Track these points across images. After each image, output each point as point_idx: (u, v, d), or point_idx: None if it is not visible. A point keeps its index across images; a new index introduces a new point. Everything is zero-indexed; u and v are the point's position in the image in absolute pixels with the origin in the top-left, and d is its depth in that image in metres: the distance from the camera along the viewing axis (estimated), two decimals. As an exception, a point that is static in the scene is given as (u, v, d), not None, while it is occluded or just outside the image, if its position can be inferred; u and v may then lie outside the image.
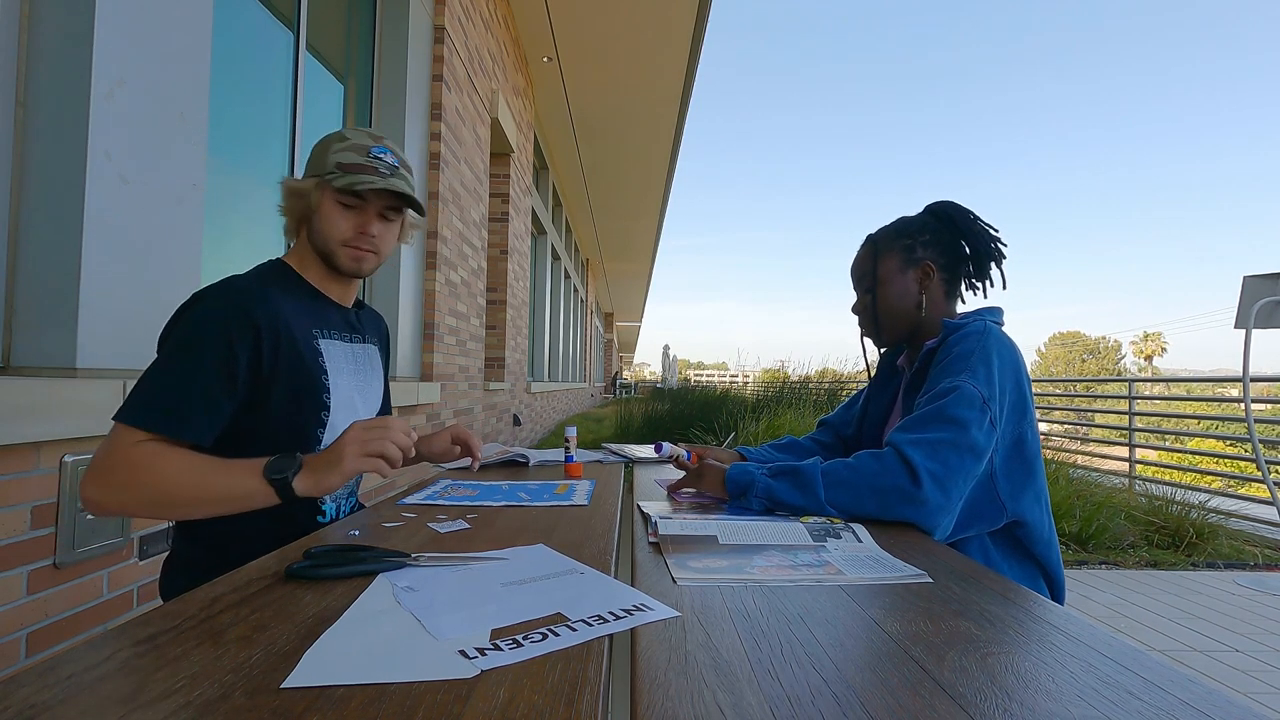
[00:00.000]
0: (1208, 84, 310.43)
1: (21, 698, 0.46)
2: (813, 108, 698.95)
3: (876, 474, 1.02)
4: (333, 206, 1.08)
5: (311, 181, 1.08)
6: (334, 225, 1.08)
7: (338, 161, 1.06)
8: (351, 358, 1.15)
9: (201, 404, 0.92)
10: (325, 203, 1.08)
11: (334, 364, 1.09)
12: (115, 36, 1.44)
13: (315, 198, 1.07)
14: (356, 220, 1.09)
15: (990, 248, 1.26)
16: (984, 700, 0.47)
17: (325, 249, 1.10)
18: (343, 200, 1.08)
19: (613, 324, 32.18)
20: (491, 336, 5.80)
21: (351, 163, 1.06)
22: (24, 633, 1.26)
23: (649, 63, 6.31)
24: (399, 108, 3.39)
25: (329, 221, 1.08)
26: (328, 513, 1.11)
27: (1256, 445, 4.05)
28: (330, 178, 1.06)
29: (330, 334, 1.11)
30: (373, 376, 1.22)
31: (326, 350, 1.08)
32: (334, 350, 1.10)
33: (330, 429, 1.06)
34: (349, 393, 1.12)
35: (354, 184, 1.05)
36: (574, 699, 0.46)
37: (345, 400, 1.10)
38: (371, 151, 1.08)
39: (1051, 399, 9.31)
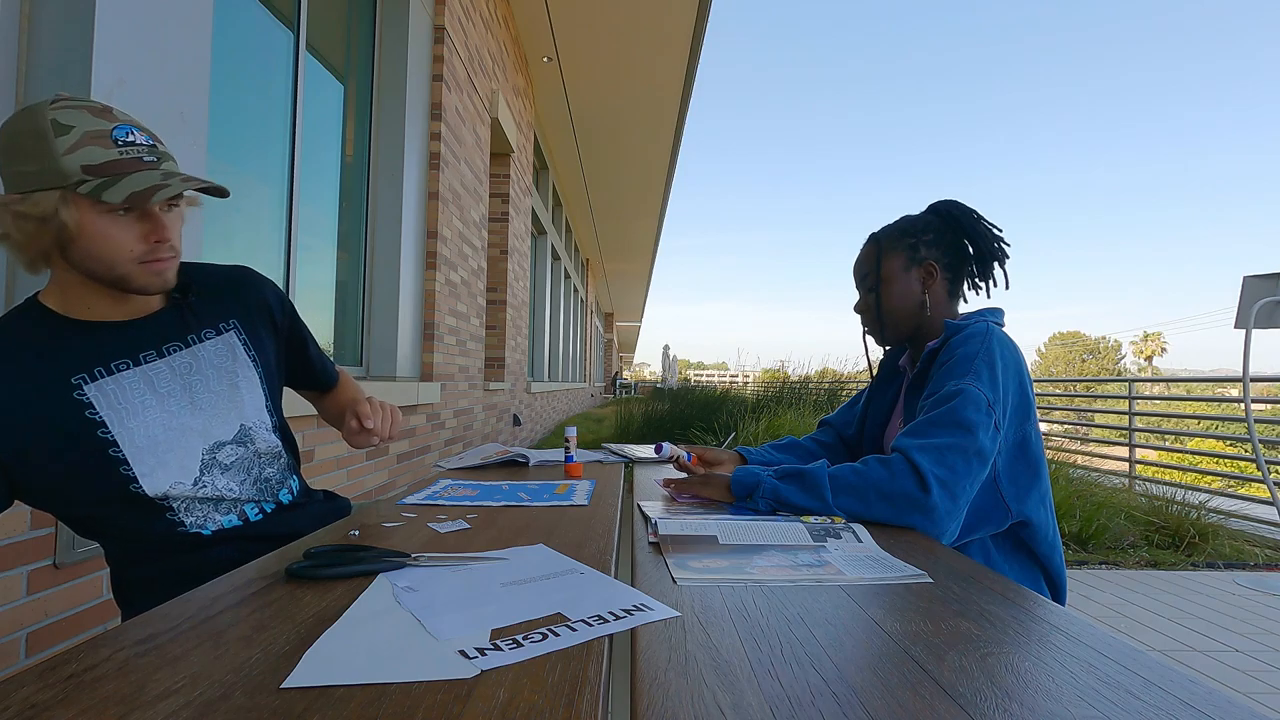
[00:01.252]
0: (1208, 83, 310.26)
1: (21, 698, 0.46)
2: (813, 107, 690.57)
3: (885, 480, 1.02)
4: (100, 221, 0.81)
5: (52, 198, 0.78)
6: (114, 245, 0.83)
7: (81, 164, 0.79)
8: (160, 382, 0.92)
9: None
10: (86, 219, 0.80)
11: (118, 406, 0.88)
12: (115, 36, 1.44)
13: (68, 217, 0.79)
14: (141, 228, 0.84)
15: (993, 247, 1.26)
16: (984, 700, 0.47)
17: (112, 275, 0.85)
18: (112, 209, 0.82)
19: (613, 324, 32.18)
20: (491, 336, 5.80)
21: (100, 161, 0.80)
22: (24, 633, 1.26)
23: (649, 63, 6.31)
24: (399, 108, 3.39)
25: (104, 242, 0.82)
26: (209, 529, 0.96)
27: (1256, 445, 4.05)
28: (81, 187, 0.79)
29: (106, 369, 0.88)
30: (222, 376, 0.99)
31: (98, 396, 0.87)
32: (114, 388, 0.88)
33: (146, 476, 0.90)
34: (163, 422, 0.92)
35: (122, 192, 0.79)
36: (574, 699, 0.46)
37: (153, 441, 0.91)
38: (116, 137, 0.82)
39: (1051, 399, 9.31)
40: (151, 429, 0.91)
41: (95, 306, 0.89)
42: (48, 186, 0.79)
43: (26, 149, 0.79)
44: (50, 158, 0.78)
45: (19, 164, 0.80)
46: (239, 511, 1.00)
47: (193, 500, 0.95)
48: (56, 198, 0.78)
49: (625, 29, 5.72)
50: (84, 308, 0.89)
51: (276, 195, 2.53)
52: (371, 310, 3.33)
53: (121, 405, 0.89)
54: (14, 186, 0.80)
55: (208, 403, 0.97)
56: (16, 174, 0.80)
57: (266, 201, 2.48)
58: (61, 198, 0.79)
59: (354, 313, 3.28)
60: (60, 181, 0.78)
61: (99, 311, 0.90)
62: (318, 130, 2.92)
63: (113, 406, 0.88)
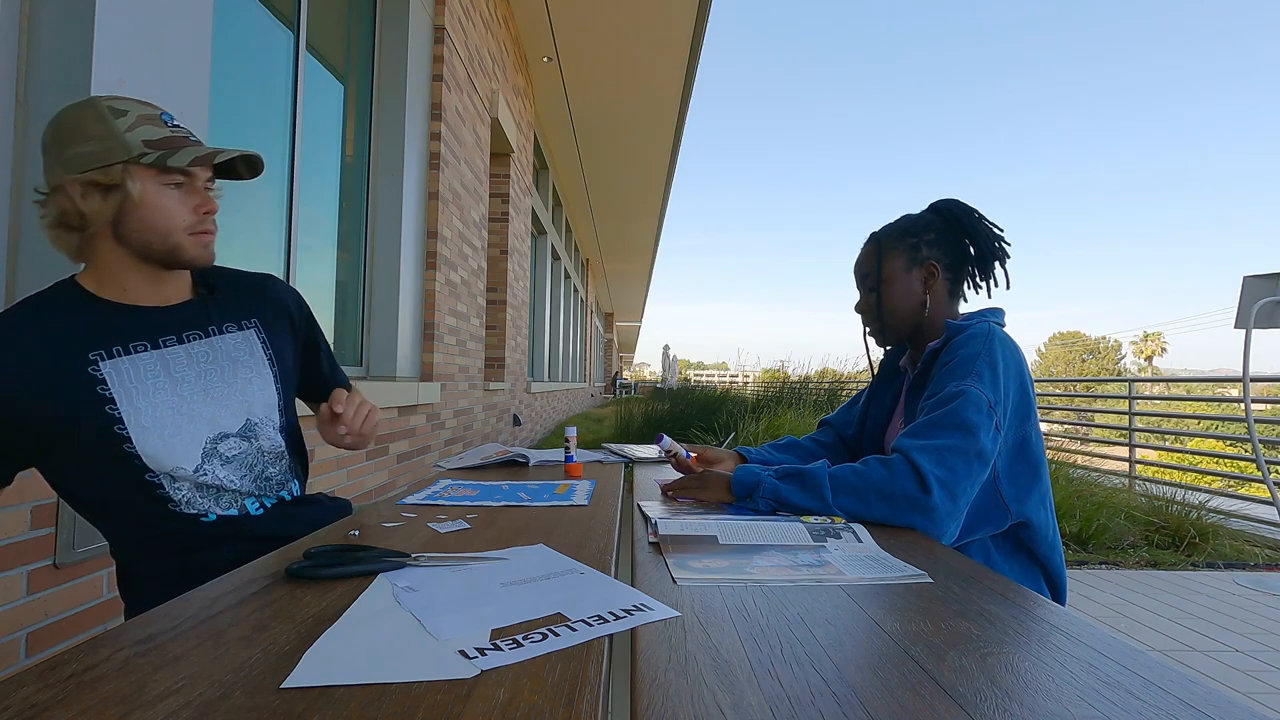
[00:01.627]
0: (1208, 83, 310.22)
1: (21, 698, 0.46)
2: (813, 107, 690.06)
3: (885, 480, 1.02)
4: (159, 192, 0.89)
5: (117, 171, 0.86)
6: (170, 214, 0.90)
7: (142, 139, 0.87)
8: (176, 366, 0.96)
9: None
10: (148, 189, 0.88)
11: (130, 385, 0.91)
12: (115, 36, 1.44)
13: (133, 187, 0.87)
14: (191, 201, 0.93)
15: (994, 247, 1.26)
16: (984, 700, 0.47)
17: (166, 244, 0.91)
18: (168, 181, 0.90)
19: (613, 324, 32.18)
20: (491, 336, 5.80)
21: (158, 137, 0.89)
22: (24, 633, 1.26)
23: (649, 63, 6.31)
24: (399, 108, 3.39)
25: (161, 212, 0.89)
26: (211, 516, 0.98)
27: (1256, 445, 4.05)
28: (144, 158, 0.87)
29: (127, 349, 0.92)
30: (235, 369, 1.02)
31: (113, 373, 0.90)
32: (130, 368, 0.92)
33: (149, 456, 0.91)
34: (173, 407, 0.94)
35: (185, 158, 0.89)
36: (574, 699, 0.46)
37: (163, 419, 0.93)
38: (164, 119, 0.92)
39: (1051, 399, 9.31)
40: (160, 410, 0.93)
41: (130, 289, 0.94)
42: (112, 161, 0.86)
43: (88, 130, 0.86)
44: (113, 136, 0.86)
45: (80, 145, 0.86)
46: (239, 505, 1.01)
47: (193, 487, 0.96)
48: (121, 170, 0.86)
49: (625, 29, 5.72)
50: (119, 289, 0.93)
51: (276, 195, 2.53)
52: (371, 310, 3.33)
53: (133, 384, 0.92)
54: (74, 168, 0.86)
55: (220, 392, 0.99)
56: (77, 155, 0.86)
57: (266, 201, 2.48)
58: (125, 170, 0.86)
59: (354, 313, 3.28)
60: (124, 155, 0.86)
61: (132, 294, 0.94)
62: (318, 130, 2.92)
63: (124, 384, 0.91)
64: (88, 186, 0.86)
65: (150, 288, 0.96)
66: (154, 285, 0.96)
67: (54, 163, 0.88)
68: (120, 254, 0.92)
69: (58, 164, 0.88)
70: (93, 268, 0.94)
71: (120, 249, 0.91)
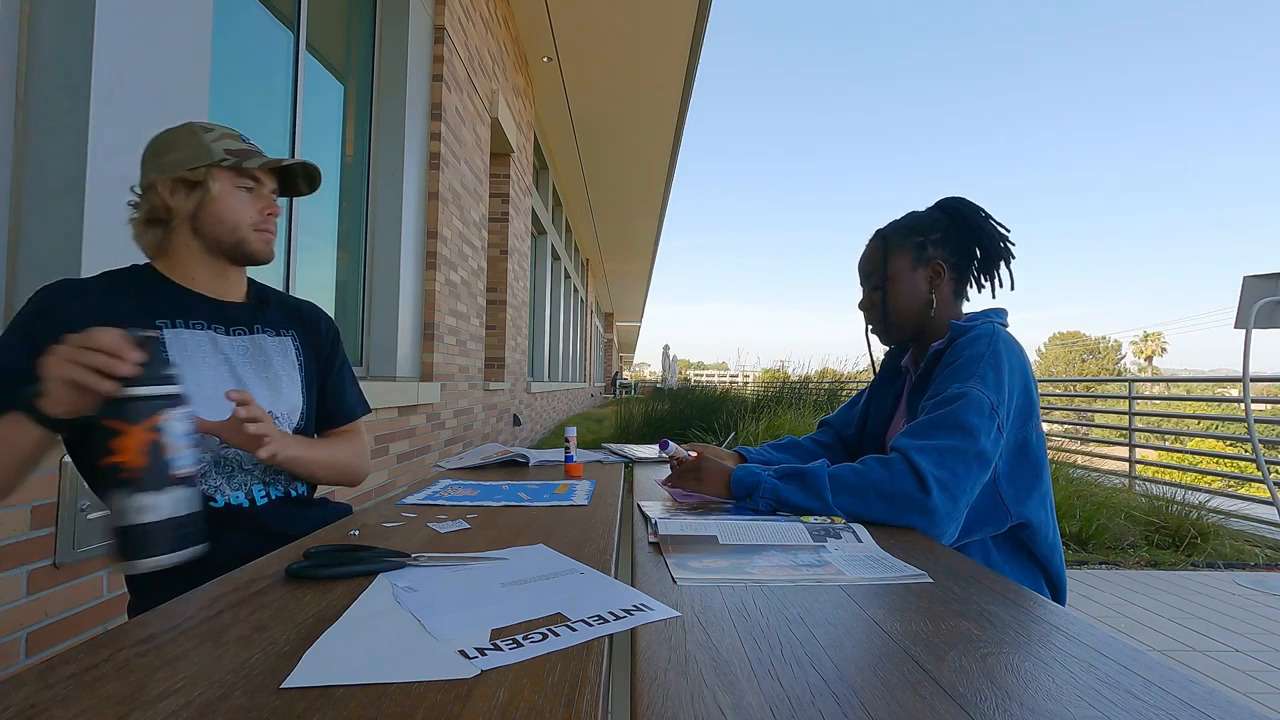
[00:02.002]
0: (1208, 84, 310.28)
1: (21, 698, 0.46)
2: (813, 107, 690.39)
3: (885, 480, 1.02)
4: (233, 193, 1.06)
5: (201, 172, 1.03)
6: (240, 212, 1.06)
7: (225, 149, 1.04)
8: (224, 348, 1.07)
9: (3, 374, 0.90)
10: (225, 189, 1.05)
11: (184, 354, 1.02)
12: (115, 36, 1.44)
13: (213, 185, 1.04)
14: (257, 204, 1.09)
15: (1000, 247, 1.25)
16: (984, 700, 0.47)
17: (234, 237, 1.07)
18: (240, 184, 1.06)
19: (613, 324, 32.18)
20: (491, 336, 5.80)
21: (237, 148, 1.06)
22: (24, 633, 1.26)
23: (649, 63, 6.31)
24: (399, 108, 3.39)
25: (234, 209, 1.06)
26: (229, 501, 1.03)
27: (1256, 445, 4.05)
28: (225, 162, 1.04)
29: (186, 324, 1.04)
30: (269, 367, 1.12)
31: (173, 339, 1.01)
32: (187, 339, 1.03)
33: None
34: (214, 383, 1.03)
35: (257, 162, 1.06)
36: (574, 699, 0.46)
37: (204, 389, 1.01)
38: (242, 136, 1.09)
39: (1052, 399, 9.31)
40: (203, 381, 1.03)
41: (198, 278, 1.08)
42: (198, 164, 1.03)
43: (181, 142, 1.04)
44: (201, 145, 1.04)
45: (173, 153, 1.03)
46: (248, 490, 1.06)
47: (213, 461, 1.03)
48: (205, 170, 1.03)
49: (625, 29, 5.72)
50: (189, 277, 1.08)
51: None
52: (371, 310, 3.33)
53: (188, 353, 1.04)
54: (167, 170, 1.03)
55: (253, 380, 1.10)
56: (169, 161, 1.03)
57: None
58: (208, 171, 1.03)
59: (354, 313, 3.28)
60: (208, 159, 1.03)
61: (199, 283, 1.09)
62: (318, 130, 2.92)
63: (181, 351, 1.03)
64: (176, 184, 1.03)
65: (214, 281, 1.10)
66: (217, 279, 1.10)
67: (150, 168, 1.04)
68: (194, 246, 1.07)
69: (153, 168, 1.04)
70: (168, 257, 1.08)
71: (195, 241, 1.06)
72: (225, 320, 1.10)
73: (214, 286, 1.10)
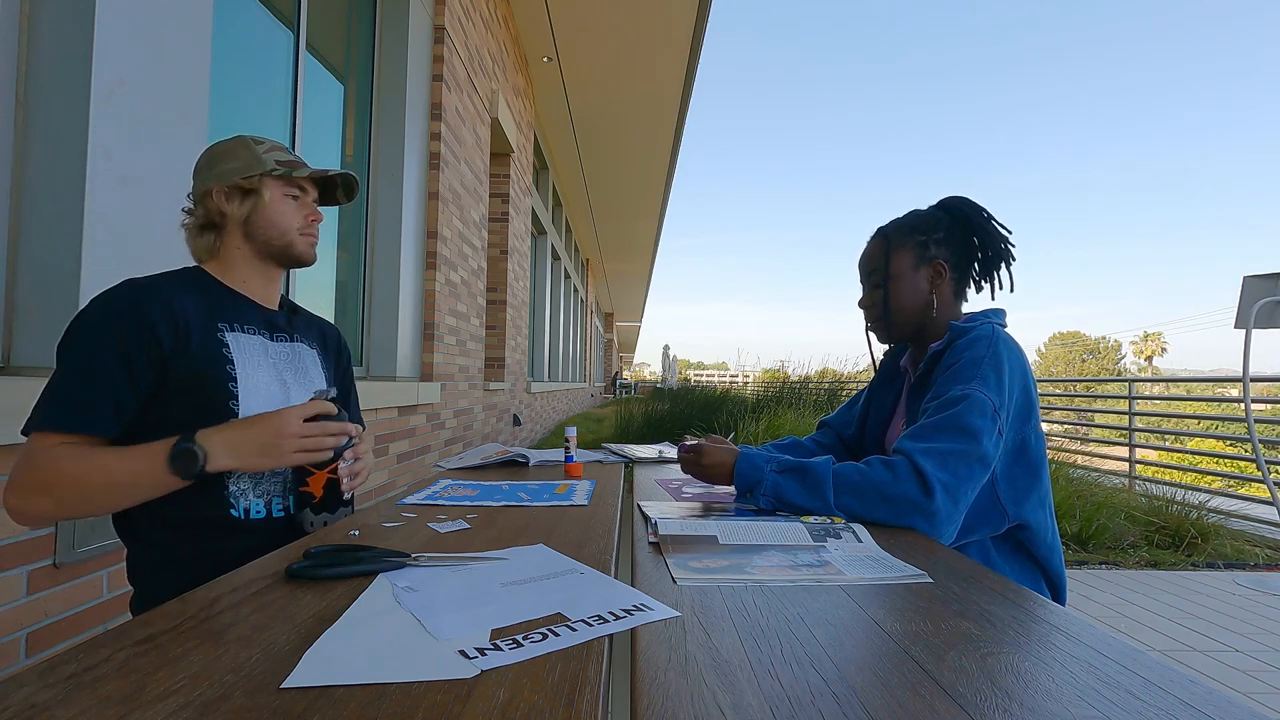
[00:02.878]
0: (1208, 84, 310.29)
1: (21, 698, 0.46)
2: (813, 107, 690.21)
3: (888, 482, 1.02)
4: (281, 200, 1.13)
5: (255, 178, 1.10)
6: (288, 216, 1.13)
7: (275, 159, 1.11)
8: (271, 353, 1.13)
9: (105, 399, 0.93)
10: (274, 196, 1.12)
11: (244, 356, 1.07)
12: (115, 36, 1.44)
13: (265, 191, 1.11)
14: (303, 210, 1.16)
15: (1002, 249, 1.25)
16: (984, 700, 0.47)
17: (283, 240, 1.13)
18: (288, 192, 1.13)
19: (613, 324, 32.17)
20: (491, 336, 5.80)
21: (286, 159, 1.13)
22: (24, 633, 1.26)
23: (649, 63, 6.31)
24: (399, 108, 3.39)
25: (282, 215, 1.12)
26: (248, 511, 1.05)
27: (1256, 445, 4.05)
28: (275, 171, 1.11)
29: (242, 328, 1.09)
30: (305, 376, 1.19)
31: (234, 342, 1.06)
32: (245, 343, 1.08)
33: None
34: (267, 386, 1.09)
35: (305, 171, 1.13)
36: (574, 699, 0.46)
37: (260, 392, 1.07)
38: (289, 149, 1.17)
39: (1052, 399, 9.31)
40: (257, 384, 1.08)
41: (249, 282, 1.14)
42: (252, 173, 1.09)
43: (235, 153, 1.11)
44: (253, 156, 1.11)
45: (227, 163, 1.10)
46: (268, 501, 1.08)
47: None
48: (258, 179, 1.10)
49: (625, 29, 5.72)
50: (240, 280, 1.13)
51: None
52: (371, 310, 3.33)
53: (246, 355, 1.08)
54: (223, 179, 1.09)
55: (295, 386, 1.15)
56: (223, 170, 1.10)
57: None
58: (260, 179, 1.10)
59: (354, 313, 3.28)
60: (261, 169, 1.10)
61: (250, 288, 1.15)
62: (318, 130, 2.92)
63: (240, 353, 1.07)
64: (231, 191, 1.10)
65: (262, 286, 1.16)
66: (265, 284, 1.17)
67: (206, 177, 1.10)
68: (245, 250, 1.13)
69: (209, 177, 1.10)
70: (221, 261, 1.13)
71: (246, 245, 1.13)
72: (271, 327, 1.16)
73: (261, 292, 1.16)
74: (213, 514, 1.01)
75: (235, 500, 1.03)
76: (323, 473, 1.04)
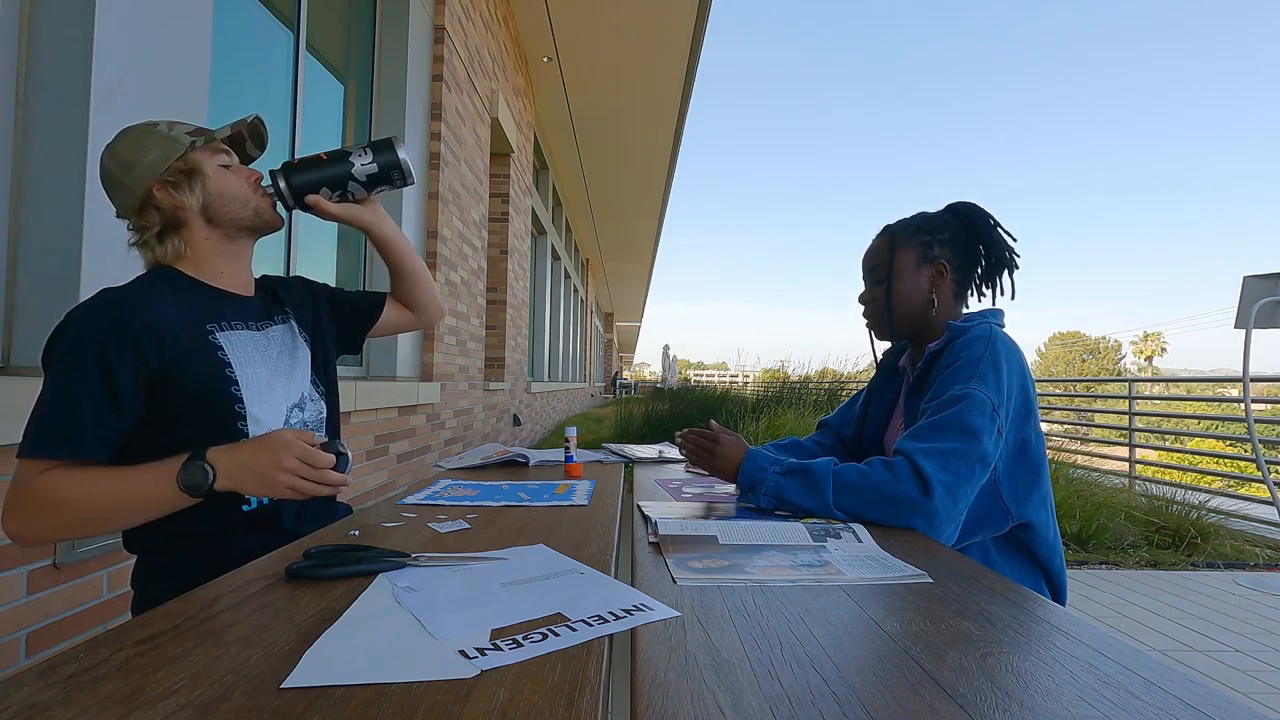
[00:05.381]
0: (1208, 83, 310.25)
1: (21, 698, 0.46)
2: (813, 107, 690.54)
3: (888, 483, 1.02)
4: (220, 171, 1.04)
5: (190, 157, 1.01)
6: (237, 184, 1.05)
7: (185, 133, 1.02)
8: (261, 346, 1.09)
9: (90, 424, 0.89)
10: (212, 170, 1.03)
11: (240, 355, 1.04)
12: (115, 36, 1.44)
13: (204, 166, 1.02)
14: (241, 174, 1.07)
15: (1005, 255, 1.26)
16: (984, 700, 0.47)
17: (247, 209, 1.06)
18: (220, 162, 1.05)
19: (613, 324, 32.17)
20: (491, 336, 5.80)
21: (193, 128, 1.05)
22: (24, 633, 1.26)
23: (649, 63, 6.31)
24: (399, 108, 3.39)
25: (231, 184, 1.05)
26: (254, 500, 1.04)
27: (1256, 445, 4.05)
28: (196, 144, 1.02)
29: (229, 325, 1.05)
30: (293, 358, 1.15)
31: (227, 343, 1.03)
32: (237, 340, 1.04)
33: (252, 420, 1.02)
34: (267, 380, 1.07)
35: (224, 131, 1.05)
36: (574, 699, 0.46)
37: (261, 389, 1.05)
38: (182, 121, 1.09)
39: (1051, 399, 9.31)
40: (257, 379, 1.06)
41: (224, 273, 1.08)
42: (179, 154, 1.00)
43: (144, 144, 1.00)
44: (165, 137, 1.01)
45: (145, 156, 1.00)
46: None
47: None
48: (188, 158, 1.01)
49: (625, 29, 5.72)
50: (215, 273, 1.07)
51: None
52: (371, 310, 3.33)
53: (240, 353, 1.04)
54: (155, 173, 1.00)
55: (287, 371, 1.13)
56: (150, 163, 1.00)
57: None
58: (187, 157, 1.01)
59: (354, 313, 3.28)
60: (184, 146, 1.01)
61: (225, 279, 1.09)
62: (318, 130, 2.91)
63: (235, 352, 1.04)
64: (175, 178, 1.01)
65: (237, 274, 1.10)
66: (239, 271, 1.11)
67: (132, 182, 1.00)
68: (213, 238, 1.06)
69: (137, 178, 1.00)
70: (191, 258, 1.06)
71: (212, 233, 1.06)
72: (252, 316, 1.11)
73: (236, 281, 1.10)
74: (224, 515, 1.00)
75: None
76: None
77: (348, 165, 1.11)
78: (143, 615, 0.61)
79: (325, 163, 1.11)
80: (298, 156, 1.03)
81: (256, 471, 0.90)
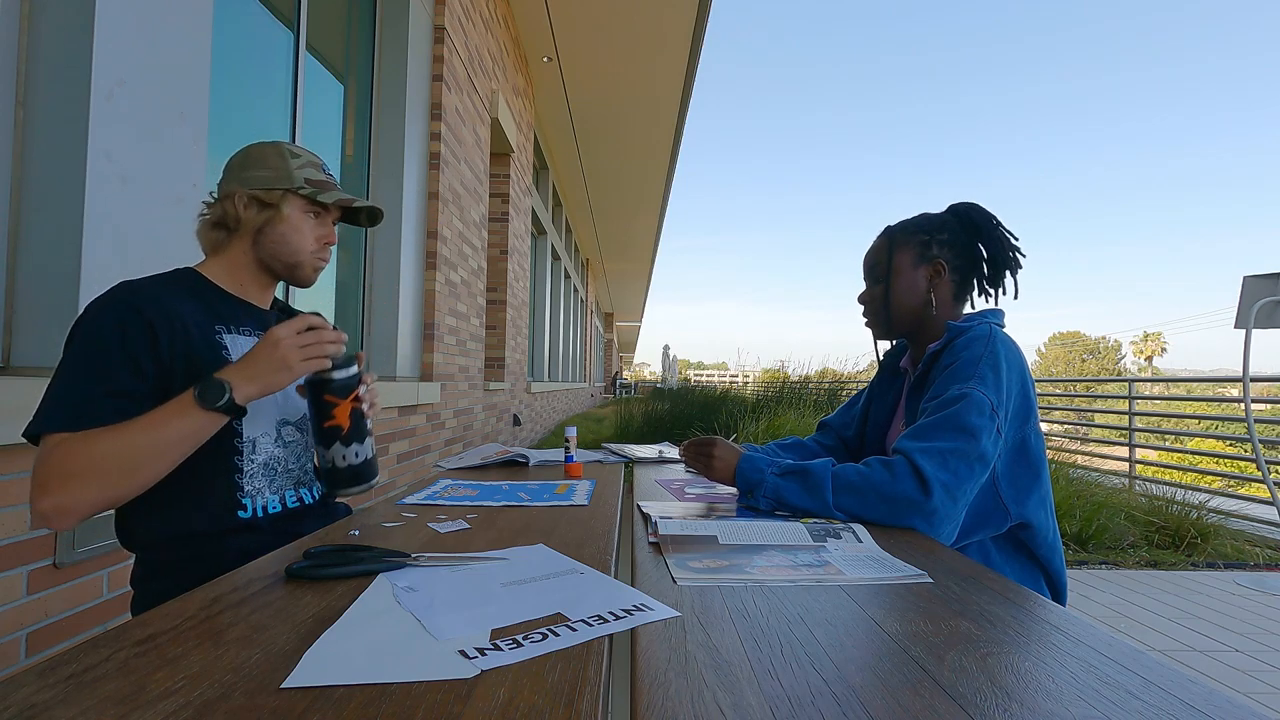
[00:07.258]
0: (1208, 83, 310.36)
1: (21, 698, 0.46)
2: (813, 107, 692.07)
3: (887, 482, 1.02)
4: (301, 219, 1.10)
5: (279, 194, 1.08)
6: (303, 238, 1.11)
7: (305, 177, 1.09)
8: None
9: (110, 396, 0.91)
10: (294, 214, 1.09)
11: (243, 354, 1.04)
12: (115, 36, 1.44)
13: (286, 208, 1.09)
14: (319, 233, 1.14)
15: (1007, 255, 1.25)
16: (984, 700, 0.47)
17: (290, 260, 1.11)
18: (311, 210, 1.11)
19: (613, 324, 32.16)
20: (491, 336, 5.80)
21: (317, 179, 1.11)
22: (24, 633, 1.26)
23: (649, 63, 6.31)
24: (399, 108, 3.39)
25: (297, 234, 1.10)
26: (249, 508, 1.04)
27: (1256, 445, 4.05)
28: (302, 190, 1.09)
29: (237, 329, 1.08)
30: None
31: (231, 344, 1.06)
32: (243, 344, 1.07)
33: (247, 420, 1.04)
34: None
35: (332, 197, 1.11)
36: (574, 699, 0.46)
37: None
38: (324, 168, 1.15)
39: (1051, 399, 9.31)
40: None
41: (247, 288, 1.13)
42: (278, 187, 1.08)
43: (268, 161, 1.09)
44: (285, 169, 1.09)
45: (257, 170, 1.08)
46: (281, 496, 1.09)
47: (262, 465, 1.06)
48: (281, 194, 1.08)
49: (625, 29, 5.72)
50: (237, 285, 1.12)
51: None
52: (371, 310, 3.33)
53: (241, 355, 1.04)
54: (248, 185, 1.08)
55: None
56: (253, 176, 1.08)
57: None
58: (284, 195, 1.08)
59: (354, 313, 3.28)
60: (288, 184, 1.08)
61: (247, 292, 1.14)
62: (318, 130, 2.92)
63: (238, 354, 1.05)
64: (252, 199, 1.07)
65: (258, 291, 1.15)
66: (260, 290, 1.15)
67: (233, 178, 1.09)
68: (249, 257, 1.11)
69: (235, 179, 1.08)
70: (221, 263, 1.11)
71: (251, 253, 1.11)
72: (262, 326, 1.14)
73: (255, 296, 1.15)
74: (219, 519, 1.01)
75: (249, 500, 1.03)
76: (346, 402, 1.02)
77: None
78: (143, 615, 0.61)
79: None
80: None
81: (270, 364, 0.94)
